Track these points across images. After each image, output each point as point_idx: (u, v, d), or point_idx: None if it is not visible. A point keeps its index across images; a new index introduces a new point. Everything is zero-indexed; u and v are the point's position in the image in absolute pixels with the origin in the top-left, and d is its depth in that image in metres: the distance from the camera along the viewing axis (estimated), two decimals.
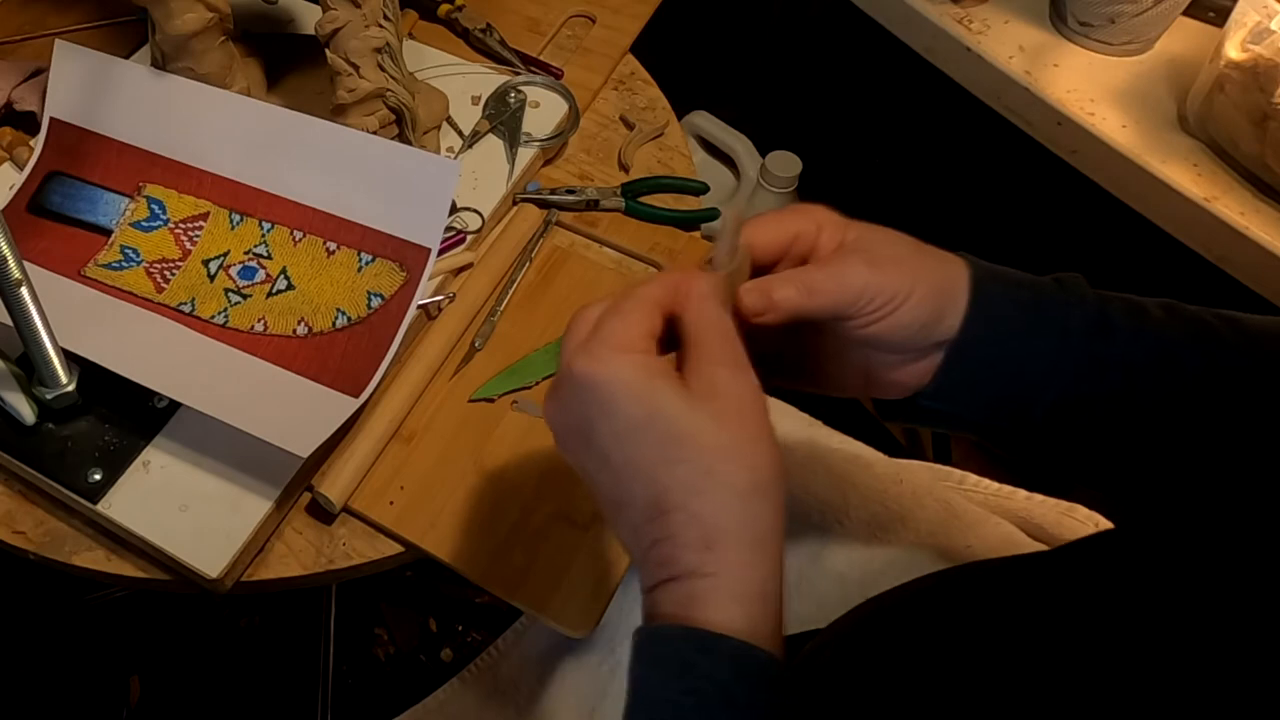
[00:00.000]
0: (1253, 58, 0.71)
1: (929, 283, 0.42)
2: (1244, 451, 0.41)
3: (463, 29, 0.82)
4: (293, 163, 0.65)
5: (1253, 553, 0.37)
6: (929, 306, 0.42)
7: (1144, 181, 0.78)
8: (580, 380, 0.37)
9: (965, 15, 0.88)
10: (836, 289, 0.41)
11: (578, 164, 0.76)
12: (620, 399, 0.36)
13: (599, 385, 0.36)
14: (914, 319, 0.42)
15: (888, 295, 0.41)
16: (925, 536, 0.65)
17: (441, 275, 0.66)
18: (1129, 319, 0.43)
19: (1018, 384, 0.43)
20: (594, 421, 0.37)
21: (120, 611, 1.18)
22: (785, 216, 0.44)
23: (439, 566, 0.58)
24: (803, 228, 0.43)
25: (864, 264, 0.42)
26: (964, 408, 0.45)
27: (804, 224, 0.43)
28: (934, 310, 0.42)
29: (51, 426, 0.57)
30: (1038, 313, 0.43)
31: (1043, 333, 0.43)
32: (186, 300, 0.63)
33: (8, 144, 0.70)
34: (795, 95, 1.29)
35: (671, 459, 0.36)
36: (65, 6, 0.83)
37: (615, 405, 0.36)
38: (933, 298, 0.42)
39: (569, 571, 0.57)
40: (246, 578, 0.57)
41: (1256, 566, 0.36)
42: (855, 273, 0.41)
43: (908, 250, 0.43)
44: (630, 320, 0.38)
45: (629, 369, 0.36)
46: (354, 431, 0.60)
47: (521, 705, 0.66)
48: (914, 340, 0.43)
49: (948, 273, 0.43)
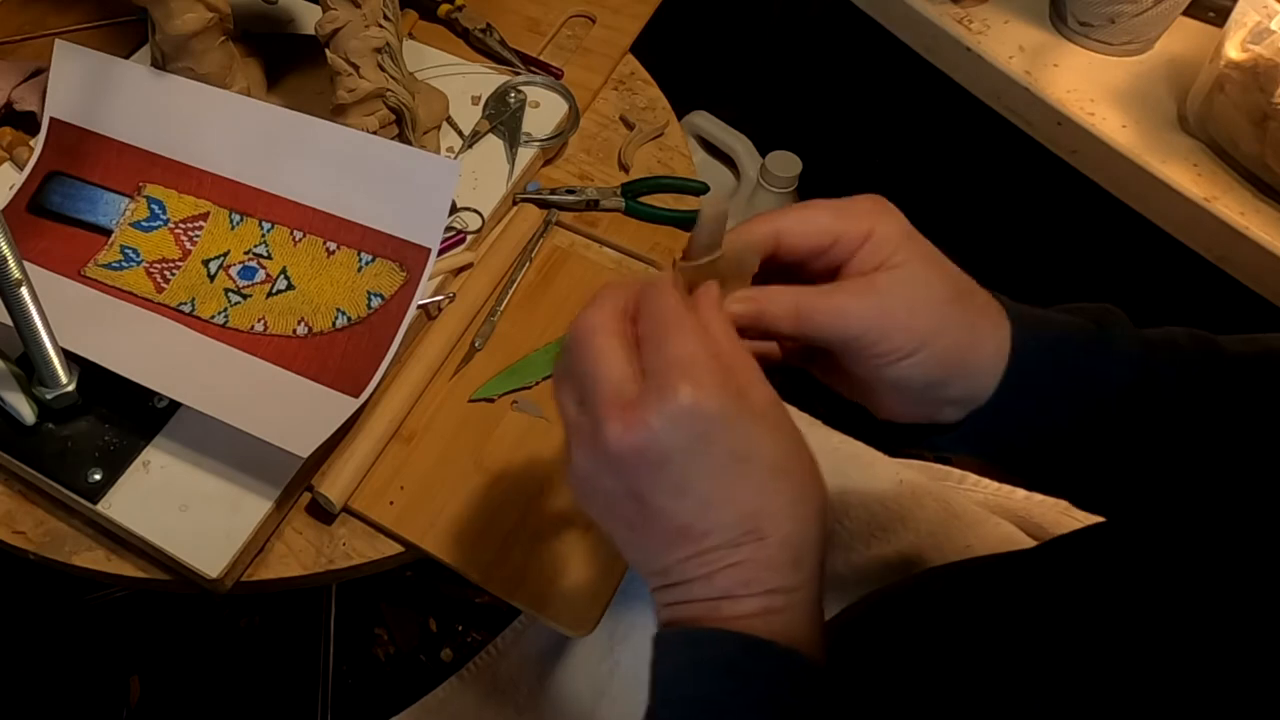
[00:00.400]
0: (1253, 58, 0.71)
1: (945, 344, 0.39)
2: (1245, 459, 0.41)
3: (463, 29, 0.82)
4: (293, 163, 0.65)
5: (1243, 545, 0.37)
6: (940, 367, 0.39)
7: (1144, 181, 0.78)
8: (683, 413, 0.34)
9: (965, 15, 0.88)
10: (832, 324, 0.38)
11: (578, 164, 0.76)
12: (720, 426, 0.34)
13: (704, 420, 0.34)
14: (921, 375, 0.39)
15: (892, 345, 0.38)
16: (925, 536, 0.65)
17: (441, 275, 0.66)
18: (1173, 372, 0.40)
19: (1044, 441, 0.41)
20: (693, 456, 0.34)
21: (120, 611, 1.18)
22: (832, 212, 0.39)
23: (439, 566, 0.58)
24: (848, 231, 0.39)
25: (875, 305, 0.38)
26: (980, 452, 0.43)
27: (851, 227, 0.39)
28: (944, 372, 0.39)
29: (51, 426, 0.57)
30: (1076, 378, 0.40)
31: (1080, 397, 0.40)
32: (186, 300, 0.63)
33: (8, 144, 0.70)
34: (795, 95, 1.29)
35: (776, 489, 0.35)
36: (65, 6, 0.82)
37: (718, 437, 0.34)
38: (941, 361, 0.39)
39: (569, 571, 0.57)
40: (246, 578, 0.57)
41: (1247, 559, 0.36)
42: (858, 313, 0.38)
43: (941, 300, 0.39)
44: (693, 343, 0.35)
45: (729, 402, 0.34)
46: (354, 431, 0.60)
47: (521, 704, 0.66)
48: (920, 393, 0.40)
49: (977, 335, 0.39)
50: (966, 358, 0.39)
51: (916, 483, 0.68)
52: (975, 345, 0.39)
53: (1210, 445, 0.40)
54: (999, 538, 0.65)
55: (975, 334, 0.39)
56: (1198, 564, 0.38)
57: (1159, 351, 0.41)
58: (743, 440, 0.34)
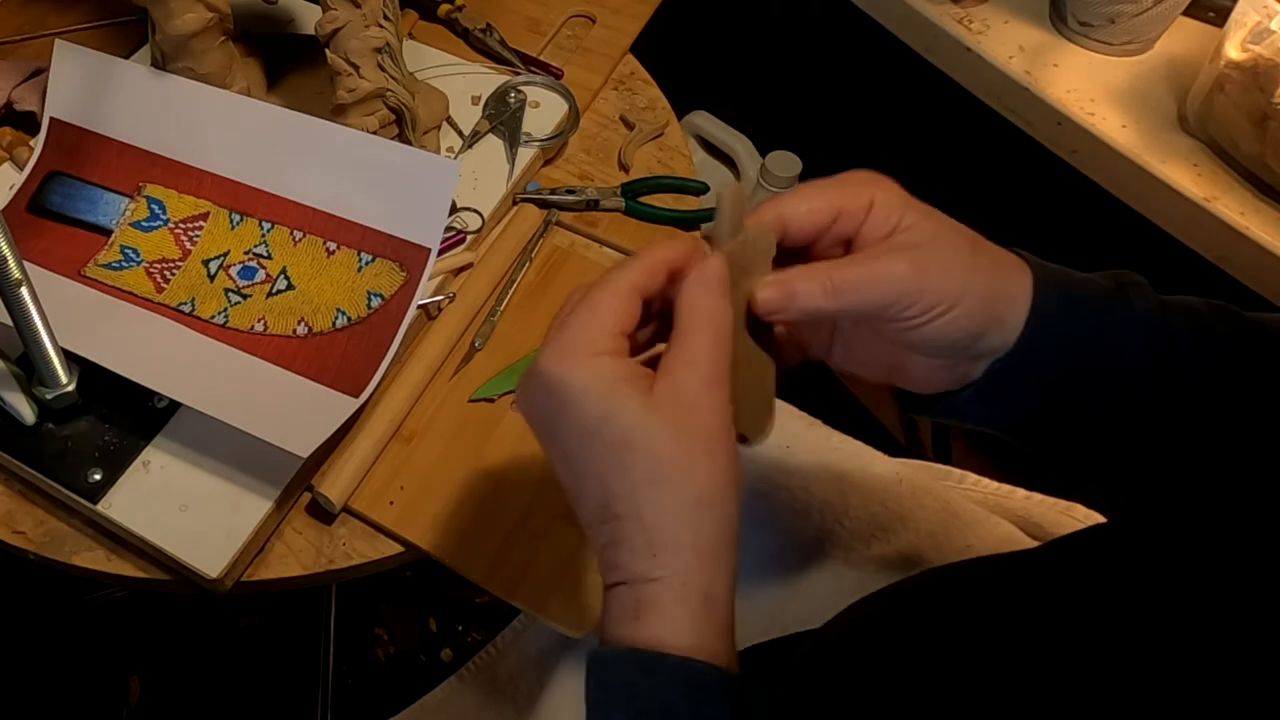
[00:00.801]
0: (1253, 58, 0.71)
1: (979, 294, 0.38)
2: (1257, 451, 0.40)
3: (463, 29, 0.82)
4: (293, 163, 0.65)
5: (1246, 545, 0.37)
6: (975, 320, 0.38)
7: (1144, 181, 0.78)
8: (545, 379, 0.36)
9: (965, 15, 0.88)
10: (870, 291, 0.37)
11: (578, 164, 0.76)
12: (578, 402, 0.36)
13: (559, 386, 0.36)
14: (957, 331, 0.38)
15: (928, 304, 0.37)
16: (925, 536, 0.65)
17: (441, 275, 0.66)
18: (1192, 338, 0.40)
19: (1063, 401, 0.41)
20: (555, 419, 0.37)
21: (120, 611, 1.18)
22: (830, 187, 0.39)
23: (439, 566, 0.58)
24: (849, 204, 0.39)
25: (908, 264, 0.37)
26: (999, 414, 0.42)
27: (851, 199, 0.39)
28: (980, 324, 0.38)
29: (51, 426, 0.57)
30: (1098, 334, 0.40)
31: (1100, 354, 0.40)
32: (186, 300, 0.63)
33: (8, 144, 0.70)
34: (795, 95, 1.29)
35: (623, 465, 0.36)
36: (65, 6, 0.83)
37: (573, 406, 0.36)
38: (980, 311, 0.38)
39: (569, 571, 0.57)
40: (246, 578, 0.57)
41: (1250, 559, 0.36)
42: (895, 275, 0.37)
43: (964, 252, 0.39)
44: (599, 316, 0.37)
45: (589, 374, 0.36)
46: (354, 431, 0.60)
47: (520, 704, 0.66)
48: (953, 350, 0.40)
49: (1004, 283, 0.39)
50: (999, 305, 0.39)
51: (916, 482, 0.68)
52: (1006, 292, 0.39)
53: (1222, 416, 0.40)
54: (999, 538, 0.65)
55: (1008, 277, 0.39)
56: (1202, 564, 0.38)
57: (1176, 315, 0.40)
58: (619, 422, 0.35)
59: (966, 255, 0.39)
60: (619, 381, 0.36)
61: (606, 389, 0.36)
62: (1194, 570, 0.38)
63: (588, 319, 0.37)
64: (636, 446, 0.35)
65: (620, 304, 0.37)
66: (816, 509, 0.66)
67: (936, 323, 0.38)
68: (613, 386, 0.36)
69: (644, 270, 0.37)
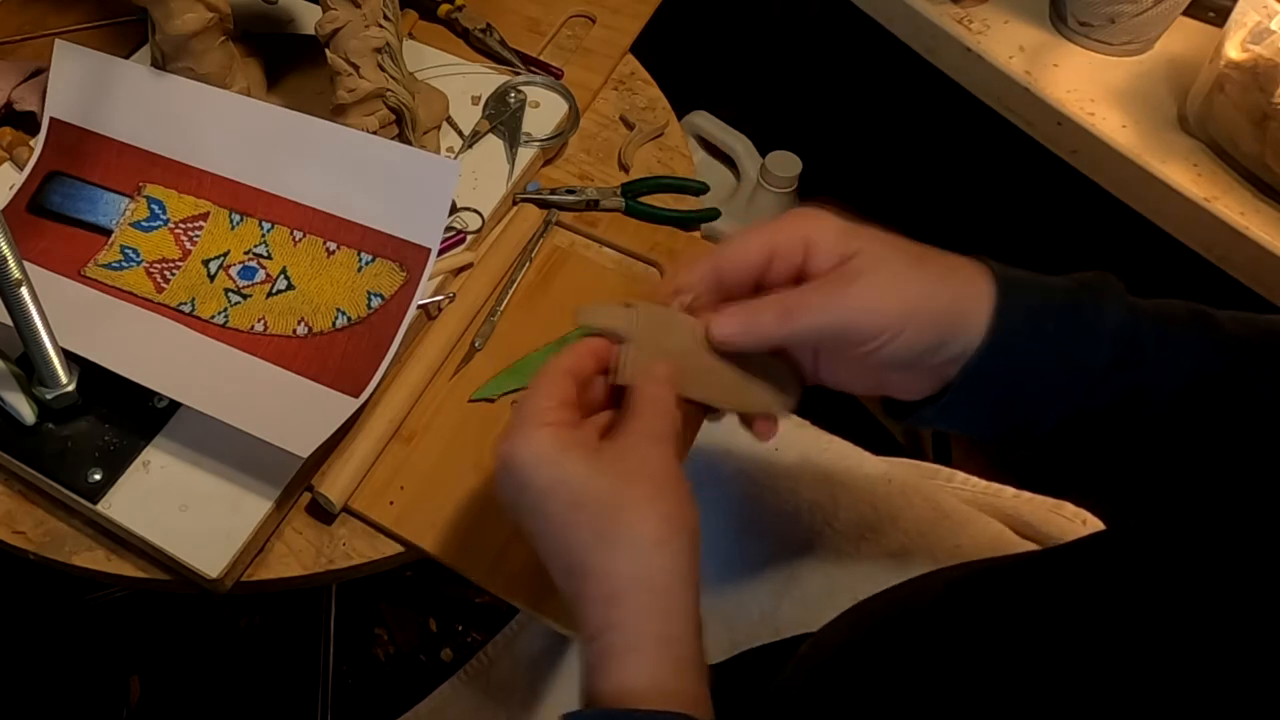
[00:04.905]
0: (1253, 58, 0.71)
1: (930, 311, 0.39)
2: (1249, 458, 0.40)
3: (463, 29, 0.82)
4: (293, 163, 0.65)
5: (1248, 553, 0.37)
6: (926, 337, 0.39)
7: (1144, 181, 0.78)
8: (503, 460, 0.40)
9: (965, 15, 0.88)
10: (817, 321, 0.39)
11: (578, 164, 0.76)
12: (532, 472, 0.39)
13: (512, 462, 0.39)
14: (916, 345, 0.39)
15: (876, 329, 0.39)
16: (915, 537, 0.65)
17: (441, 275, 0.66)
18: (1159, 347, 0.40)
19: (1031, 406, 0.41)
20: (518, 495, 0.40)
21: (120, 611, 1.18)
22: (764, 230, 0.41)
23: (439, 566, 0.58)
24: (782, 243, 0.41)
25: (853, 295, 0.39)
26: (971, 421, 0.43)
27: (785, 239, 0.41)
28: (933, 339, 0.40)
29: (51, 426, 0.57)
30: (1061, 343, 0.40)
31: (1064, 362, 0.40)
32: (186, 300, 0.63)
33: (8, 144, 0.70)
34: (795, 95, 1.29)
35: (576, 524, 0.38)
36: (65, 6, 0.83)
37: (528, 477, 0.39)
38: (931, 328, 0.39)
39: None
40: (246, 578, 0.57)
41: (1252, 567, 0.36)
42: (839, 305, 0.39)
43: (912, 272, 0.40)
44: (541, 394, 0.41)
45: (537, 443, 0.39)
46: (354, 431, 0.60)
47: (519, 704, 0.66)
48: (919, 362, 0.41)
49: (959, 295, 0.40)
50: (958, 314, 0.40)
51: (906, 482, 0.68)
52: (966, 301, 0.40)
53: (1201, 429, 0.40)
54: (988, 537, 0.65)
55: (962, 289, 0.40)
56: (1200, 571, 0.38)
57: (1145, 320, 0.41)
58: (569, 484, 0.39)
59: (914, 276, 0.40)
60: (566, 449, 0.39)
61: (555, 455, 0.39)
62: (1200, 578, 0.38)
63: (529, 400, 0.41)
64: (585, 504, 0.38)
65: (554, 385, 0.41)
66: (806, 510, 0.66)
67: (887, 346, 0.39)
68: (561, 453, 0.39)
69: (573, 357, 0.42)
